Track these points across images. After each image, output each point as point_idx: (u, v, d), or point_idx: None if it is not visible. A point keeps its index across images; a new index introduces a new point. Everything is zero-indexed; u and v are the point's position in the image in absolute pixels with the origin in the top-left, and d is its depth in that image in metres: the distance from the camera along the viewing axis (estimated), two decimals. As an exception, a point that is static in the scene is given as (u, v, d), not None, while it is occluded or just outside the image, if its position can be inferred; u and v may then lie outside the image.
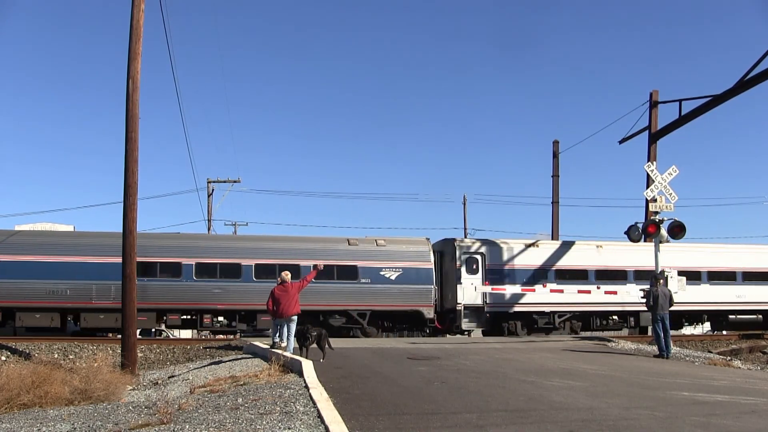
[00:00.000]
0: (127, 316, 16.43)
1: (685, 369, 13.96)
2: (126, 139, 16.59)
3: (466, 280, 24.34)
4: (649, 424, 7.30)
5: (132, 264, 16.48)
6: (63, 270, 22.08)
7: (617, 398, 9.10)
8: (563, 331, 24.99)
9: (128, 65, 16.77)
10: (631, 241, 21.00)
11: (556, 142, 35.98)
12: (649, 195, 19.67)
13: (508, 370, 12.53)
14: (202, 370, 15.33)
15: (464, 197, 46.03)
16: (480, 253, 24.94)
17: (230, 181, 39.30)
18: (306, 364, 11.18)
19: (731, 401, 9.15)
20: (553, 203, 35.39)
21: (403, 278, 23.75)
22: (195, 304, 22.66)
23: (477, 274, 24.61)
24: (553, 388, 9.89)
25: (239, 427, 7.06)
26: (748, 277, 27.00)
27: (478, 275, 24.57)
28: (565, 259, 25.49)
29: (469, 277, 24.50)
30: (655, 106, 29.94)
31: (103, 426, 7.91)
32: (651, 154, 29.36)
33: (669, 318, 16.27)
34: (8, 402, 10.58)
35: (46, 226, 30.21)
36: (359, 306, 23.38)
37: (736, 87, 25.02)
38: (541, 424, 7.17)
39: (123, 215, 16.63)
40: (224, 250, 23.48)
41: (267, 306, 15.34)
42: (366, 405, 8.16)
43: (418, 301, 23.73)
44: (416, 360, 14.10)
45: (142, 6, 16.91)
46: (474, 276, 24.54)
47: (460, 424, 7.14)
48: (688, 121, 27.61)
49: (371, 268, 23.69)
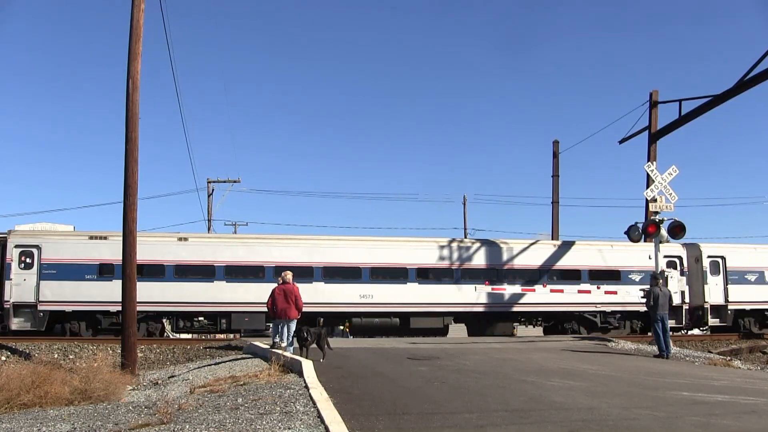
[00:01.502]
0: (127, 316, 16.42)
1: (685, 369, 13.96)
2: (126, 139, 16.58)
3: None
4: (649, 424, 7.30)
5: (132, 264, 16.47)
6: None
7: (617, 398, 9.10)
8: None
9: (128, 65, 16.77)
10: (631, 241, 21.03)
11: (556, 142, 35.99)
12: (649, 195, 19.67)
13: (508, 370, 12.53)
14: (202, 370, 15.33)
15: (464, 197, 46.15)
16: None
17: (230, 181, 39.34)
18: (306, 364, 11.18)
19: (731, 401, 9.15)
20: (553, 203, 35.41)
21: None
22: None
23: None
24: (553, 388, 9.89)
25: (239, 427, 7.06)
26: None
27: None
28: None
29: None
30: (655, 106, 29.91)
31: (103, 426, 7.91)
32: (651, 154, 29.34)
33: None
34: (8, 402, 10.58)
35: (46, 226, 30.16)
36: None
37: (736, 87, 25.00)
38: (541, 424, 7.17)
39: (123, 215, 16.63)
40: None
41: (267, 306, 15.35)
42: (366, 405, 8.16)
43: None
44: (416, 360, 14.10)
45: (142, 6, 16.91)
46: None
47: (460, 424, 7.14)
48: (688, 121, 27.58)
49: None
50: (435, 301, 23.98)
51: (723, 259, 26.43)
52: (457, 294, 24.17)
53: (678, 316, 25.41)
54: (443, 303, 24.07)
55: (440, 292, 24.12)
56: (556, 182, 35.63)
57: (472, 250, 24.97)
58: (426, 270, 24.22)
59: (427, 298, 23.92)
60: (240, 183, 39.65)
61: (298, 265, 22.08)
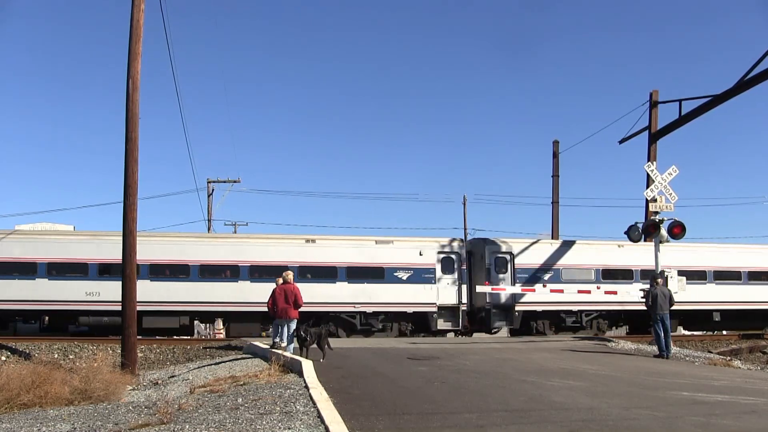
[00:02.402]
0: (127, 316, 16.43)
1: (685, 369, 13.96)
2: (126, 139, 16.59)
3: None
4: (649, 424, 7.30)
5: (132, 264, 16.48)
6: None
7: (617, 398, 9.10)
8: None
9: (128, 65, 16.78)
10: (631, 241, 21.03)
11: (556, 142, 36.01)
12: (649, 195, 19.68)
13: (508, 370, 12.53)
14: (202, 370, 15.33)
15: (464, 197, 46.11)
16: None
17: (230, 181, 39.28)
18: (306, 364, 11.19)
19: (731, 401, 9.15)
20: (553, 203, 35.44)
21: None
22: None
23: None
24: (553, 388, 9.89)
25: (239, 427, 7.06)
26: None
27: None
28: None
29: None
30: (655, 106, 29.94)
31: (103, 426, 7.91)
32: (651, 154, 29.37)
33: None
34: (8, 402, 10.58)
35: (46, 226, 30.19)
36: None
37: (736, 87, 25.03)
38: (542, 424, 7.16)
39: (123, 215, 16.63)
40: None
41: (267, 305, 15.35)
42: (366, 405, 8.16)
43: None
44: (416, 360, 14.10)
45: (142, 6, 16.92)
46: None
47: (460, 424, 7.14)
48: (688, 121, 27.61)
49: None
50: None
51: (511, 255, 24.63)
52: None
53: (455, 318, 23.83)
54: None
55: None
56: (556, 182, 35.66)
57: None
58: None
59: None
60: (240, 183, 39.59)
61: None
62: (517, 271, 24.51)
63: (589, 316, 24.94)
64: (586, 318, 24.85)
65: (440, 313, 23.79)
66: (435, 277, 23.84)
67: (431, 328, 23.58)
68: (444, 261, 24.09)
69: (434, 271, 23.87)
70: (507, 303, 24.17)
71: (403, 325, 23.79)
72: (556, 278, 24.66)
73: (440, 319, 23.77)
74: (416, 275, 23.52)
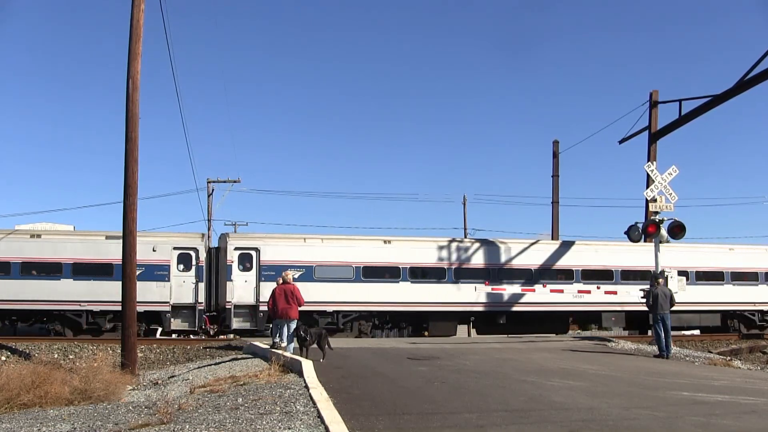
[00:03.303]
0: (127, 316, 16.43)
1: (685, 369, 13.97)
2: (126, 139, 16.59)
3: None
4: (649, 424, 7.30)
5: (132, 264, 16.48)
6: None
7: (617, 398, 9.10)
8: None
9: (128, 65, 16.77)
10: (631, 241, 21.03)
11: (556, 142, 36.02)
12: (649, 195, 19.69)
13: (508, 370, 12.53)
14: (202, 370, 15.34)
15: (464, 197, 46.07)
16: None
17: (230, 181, 39.27)
18: (306, 364, 11.19)
19: (731, 401, 9.16)
20: (553, 203, 35.44)
21: None
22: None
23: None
24: (553, 388, 9.89)
25: (239, 427, 7.07)
26: None
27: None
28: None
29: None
30: (655, 106, 29.94)
31: (103, 426, 7.92)
32: (651, 154, 29.36)
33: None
34: (8, 402, 10.58)
35: (46, 226, 30.17)
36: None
37: (736, 87, 25.01)
38: (542, 424, 7.17)
39: (123, 215, 16.63)
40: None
41: (267, 305, 15.34)
42: (366, 405, 8.16)
43: None
44: (416, 360, 14.11)
45: (142, 6, 16.91)
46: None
47: (460, 424, 7.14)
48: (688, 121, 27.59)
49: None
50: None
51: (257, 251, 23.24)
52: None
53: (193, 318, 22.78)
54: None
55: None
56: (556, 182, 35.67)
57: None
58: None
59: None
60: (240, 183, 39.56)
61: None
62: (263, 268, 23.08)
63: (348, 317, 23.55)
64: (343, 319, 23.49)
65: (174, 313, 22.69)
66: (169, 275, 22.69)
67: (165, 329, 22.74)
68: (181, 257, 23.00)
69: (168, 268, 22.71)
70: (251, 302, 22.93)
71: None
72: (309, 276, 23.15)
73: (176, 319, 22.75)
74: (148, 272, 22.15)
